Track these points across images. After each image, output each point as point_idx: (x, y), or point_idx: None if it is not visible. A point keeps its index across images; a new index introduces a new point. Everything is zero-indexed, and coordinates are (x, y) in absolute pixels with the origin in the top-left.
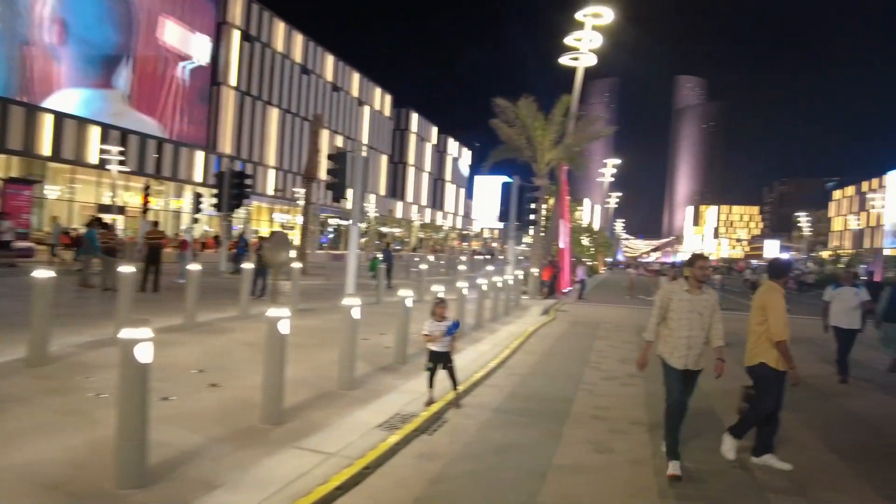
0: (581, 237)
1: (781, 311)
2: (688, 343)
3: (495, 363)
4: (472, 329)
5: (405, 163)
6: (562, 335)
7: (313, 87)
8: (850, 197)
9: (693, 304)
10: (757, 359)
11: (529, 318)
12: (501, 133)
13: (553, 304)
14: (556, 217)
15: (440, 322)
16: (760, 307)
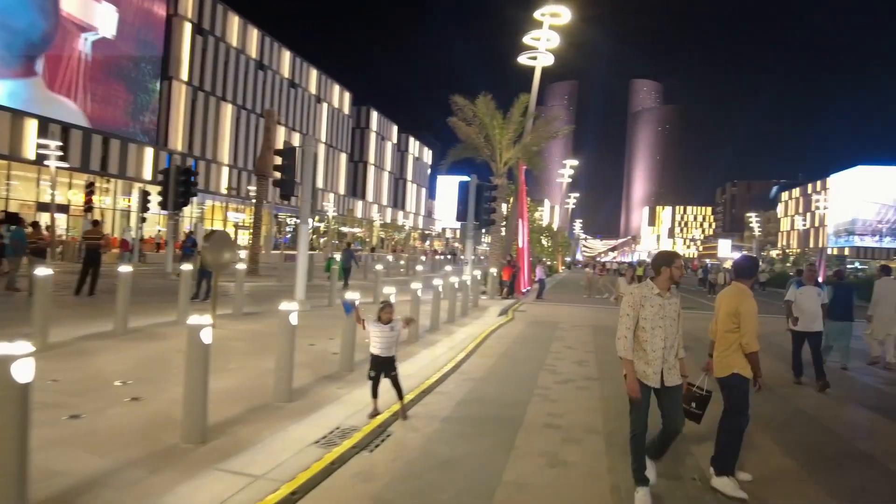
0: (540, 237)
1: (756, 318)
2: (663, 355)
3: (449, 367)
4: (427, 332)
5: (365, 161)
6: (519, 336)
7: (269, 83)
8: (797, 198)
9: (665, 309)
10: (730, 369)
11: (487, 319)
12: (460, 131)
13: (512, 304)
14: (515, 216)
15: (386, 326)
16: (733, 313)
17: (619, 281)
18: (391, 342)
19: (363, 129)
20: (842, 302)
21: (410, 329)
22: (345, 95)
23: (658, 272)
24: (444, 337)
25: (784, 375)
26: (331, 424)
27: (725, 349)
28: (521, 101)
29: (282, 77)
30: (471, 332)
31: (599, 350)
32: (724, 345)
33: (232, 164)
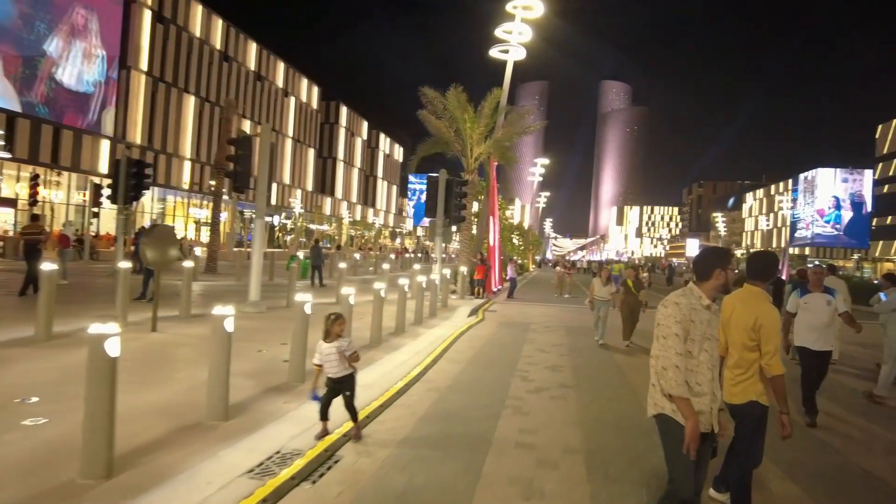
0: (512, 235)
1: (779, 331)
2: (712, 389)
3: (413, 375)
4: (391, 335)
5: (334, 157)
6: (489, 339)
7: (234, 75)
8: (761, 199)
9: (711, 327)
10: (747, 395)
11: (457, 320)
12: (430, 125)
13: (482, 304)
14: (486, 214)
15: (335, 344)
16: (751, 327)
17: (593, 282)
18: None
19: (332, 124)
20: None
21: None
22: (313, 89)
23: (707, 276)
24: (409, 340)
25: None
26: (270, 448)
27: (743, 372)
28: (493, 95)
29: (247, 69)
30: (439, 335)
31: (573, 353)
32: (741, 366)
33: (194, 158)
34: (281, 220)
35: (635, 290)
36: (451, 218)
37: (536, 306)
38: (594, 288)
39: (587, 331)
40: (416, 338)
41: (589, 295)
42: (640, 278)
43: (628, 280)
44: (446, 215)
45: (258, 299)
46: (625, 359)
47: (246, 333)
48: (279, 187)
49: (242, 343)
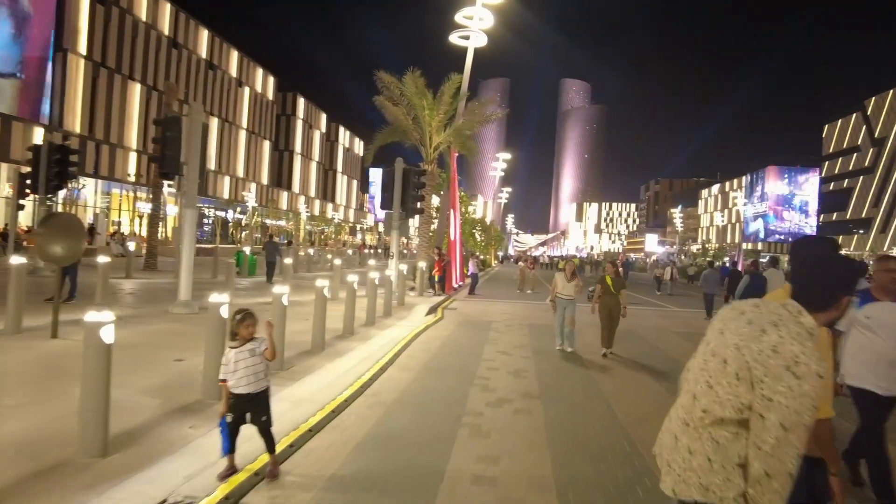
0: (473, 230)
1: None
2: None
3: (356, 387)
4: (337, 338)
5: (291, 150)
6: (447, 340)
7: (185, 62)
8: (716, 196)
9: None
10: None
11: (414, 319)
12: (387, 112)
13: (442, 302)
14: (447, 207)
15: (246, 347)
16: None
17: (555, 278)
18: (259, 369)
19: (289, 116)
20: (756, 290)
21: (272, 343)
22: (269, 80)
23: (827, 305)
24: (358, 344)
25: None
26: (157, 494)
27: None
28: (452, 80)
29: (198, 57)
30: (392, 337)
31: (538, 356)
32: None
33: (141, 149)
34: (235, 214)
35: (615, 288)
36: (409, 210)
37: (498, 303)
38: (556, 284)
39: (551, 329)
40: (367, 341)
41: (551, 293)
42: (620, 274)
43: (607, 277)
44: (403, 207)
45: (189, 299)
46: (593, 361)
47: (167, 339)
48: (232, 180)
49: (159, 351)
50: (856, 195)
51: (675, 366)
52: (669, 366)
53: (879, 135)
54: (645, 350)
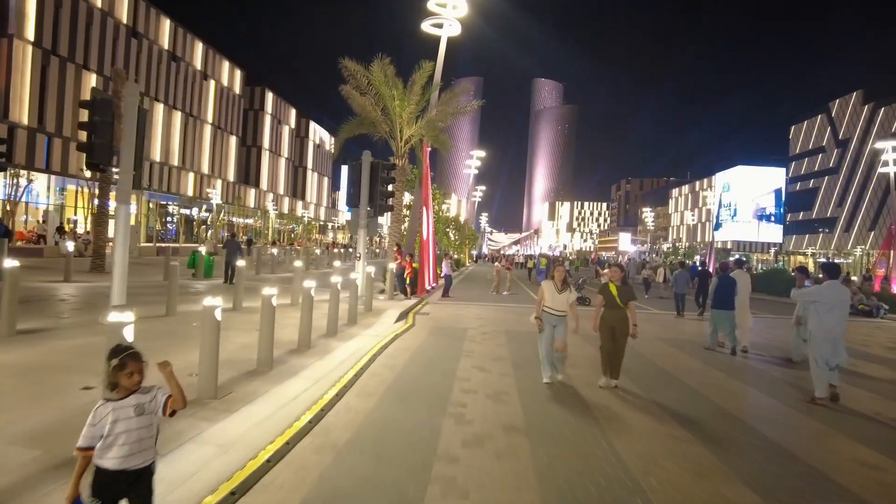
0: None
1: None
2: None
3: (301, 423)
4: (290, 353)
5: (259, 146)
6: (417, 353)
7: (145, 53)
8: (686, 195)
9: None
10: None
11: (381, 328)
12: (354, 103)
13: (413, 306)
14: (419, 204)
15: (129, 401)
16: None
17: (542, 287)
18: (147, 434)
19: (257, 111)
20: (727, 291)
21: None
22: (235, 73)
23: None
24: (314, 360)
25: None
26: None
27: None
28: (424, 68)
29: (160, 48)
30: (355, 349)
31: (520, 371)
32: None
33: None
34: (201, 212)
35: (621, 300)
36: (377, 207)
37: (473, 306)
38: (543, 296)
39: (532, 337)
40: (325, 356)
41: (535, 307)
42: (629, 282)
43: (611, 284)
44: (371, 204)
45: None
46: (587, 376)
47: (83, 358)
48: (197, 177)
49: (68, 374)
50: (821, 195)
51: (677, 383)
52: (672, 385)
53: (843, 136)
54: (642, 365)
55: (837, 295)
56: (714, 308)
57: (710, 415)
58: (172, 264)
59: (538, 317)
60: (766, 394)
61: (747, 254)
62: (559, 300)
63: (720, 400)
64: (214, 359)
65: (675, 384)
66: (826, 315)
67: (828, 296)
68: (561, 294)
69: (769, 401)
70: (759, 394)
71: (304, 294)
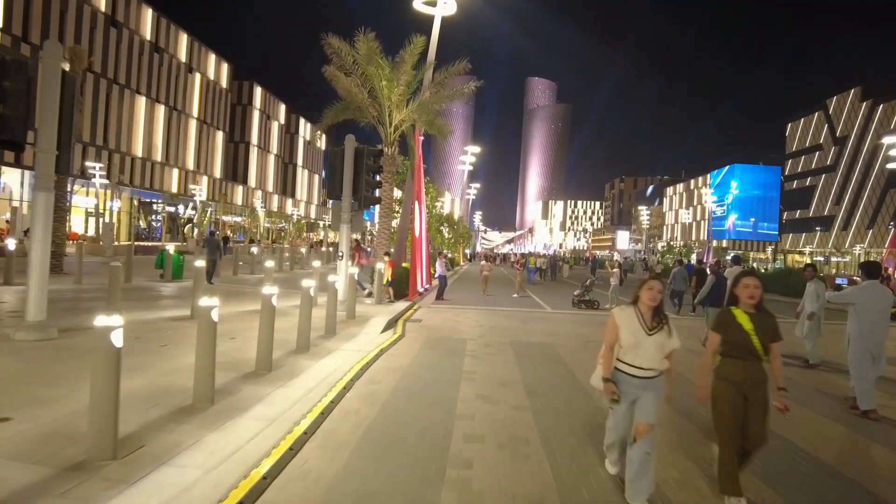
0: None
1: None
2: None
3: (236, 502)
4: (245, 379)
5: (247, 142)
6: (406, 375)
7: (125, 43)
8: (681, 193)
9: None
10: None
11: (364, 340)
12: (338, 85)
13: (404, 312)
14: (410, 198)
15: None
16: None
17: (614, 319)
18: None
19: (245, 105)
20: (722, 289)
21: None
22: (222, 67)
23: None
24: (273, 390)
25: None
26: None
27: None
28: (414, 43)
29: (142, 38)
30: (329, 373)
31: (537, 402)
32: None
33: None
34: (188, 210)
35: (761, 342)
36: (362, 199)
37: (470, 310)
38: (619, 336)
39: (545, 351)
40: (289, 382)
41: (603, 361)
42: (764, 306)
43: (738, 313)
44: (355, 196)
45: (44, 318)
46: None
47: None
48: (182, 173)
49: None
50: (818, 193)
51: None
52: None
53: (841, 134)
54: None
55: (879, 297)
56: (710, 306)
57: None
58: (113, 265)
59: (609, 378)
60: (801, 404)
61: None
62: (649, 349)
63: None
64: (111, 402)
65: None
66: (866, 320)
67: (868, 298)
68: (652, 335)
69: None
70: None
71: (263, 303)
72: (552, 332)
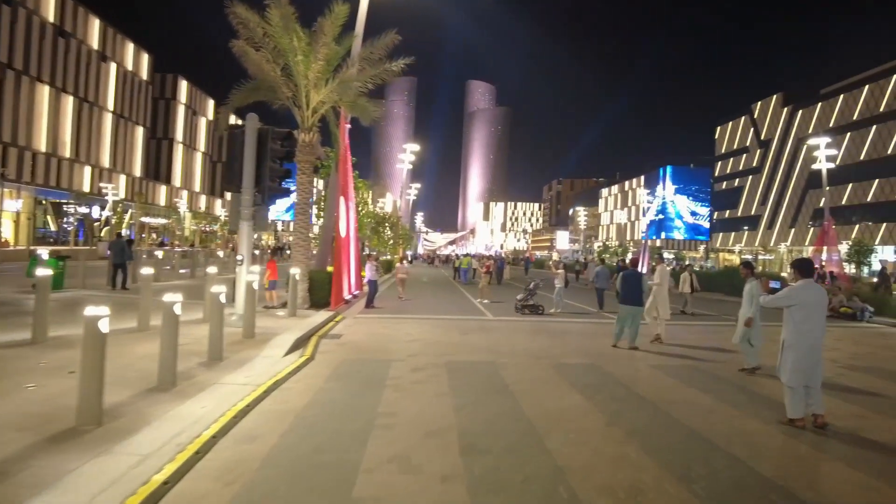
0: (379, 227)
1: None
2: None
3: None
4: (48, 444)
5: (171, 139)
6: (297, 425)
7: (21, 24)
8: (616, 195)
9: None
10: None
11: (258, 367)
12: (248, 63)
13: (320, 326)
14: (335, 192)
15: None
16: None
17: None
18: None
19: (169, 100)
20: (632, 286)
21: None
22: (142, 57)
23: None
24: (80, 466)
25: None
26: None
27: None
28: (336, 13)
29: (42, 20)
30: (184, 427)
31: (475, 464)
32: None
33: None
34: (103, 211)
35: None
36: (266, 191)
37: (403, 320)
38: None
39: (485, 373)
40: (120, 443)
41: None
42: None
43: None
44: (258, 187)
45: None
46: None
47: None
48: (95, 171)
49: None
50: (745, 194)
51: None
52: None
53: (765, 137)
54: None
55: (816, 297)
56: (620, 304)
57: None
58: (35, 272)
59: None
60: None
61: (679, 251)
62: None
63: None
64: None
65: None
66: (802, 322)
67: (806, 298)
68: None
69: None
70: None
71: (86, 327)
72: (495, 346)
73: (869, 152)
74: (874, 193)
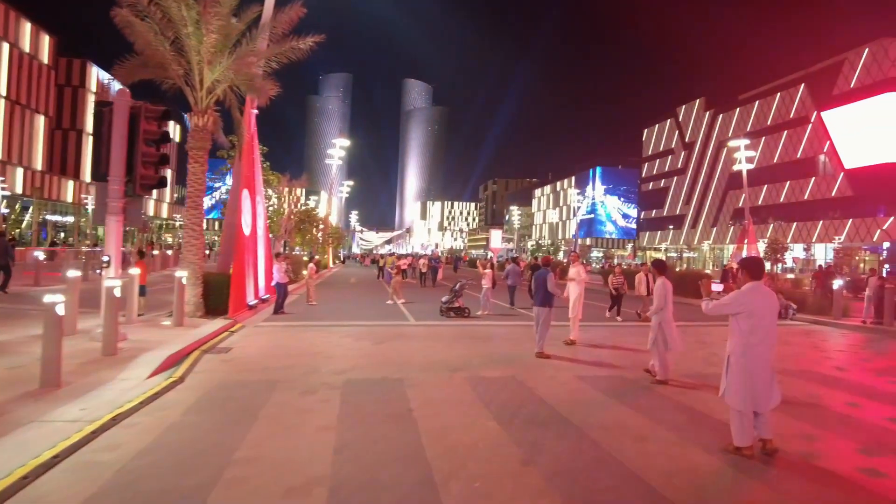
0: (312, 227)
1: None
2: None
3: None
4: None
5: (80, 130)
6: (108, 486)
7: None
8: (549, 195)
9: None
10: None
11: (107, 395)
12: (134, 34)
13: (208, 338)
14: (238, 185)
15: None
16: None
17: None
18: None
19: (76, 87)
20: (539, 283)
21: None
22: (42, 38)
23: None
24: None
25: None
26: None
27: None
28: None
29: None
30: None
31: None
32: None
33: None
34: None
35: None
36: (137, 180)
37: (311, 328)
38: None
39: (387, 395)
40: None
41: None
42: None
43: None
44: (129, 175)
45: None
46: None
47: None
48: None
49: None
50: (671, 194)
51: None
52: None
53: (689, 139)
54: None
55: (767, 302)
56: (535, 305)
57: None
58: None
59: None
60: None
61: (608, 249)
62: None
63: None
64: None
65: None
66: (751, 332)
67: (756, 304)
68: None
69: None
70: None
71: None
72: (408, 358)
73: (781, 156)
74: (786, 194)
